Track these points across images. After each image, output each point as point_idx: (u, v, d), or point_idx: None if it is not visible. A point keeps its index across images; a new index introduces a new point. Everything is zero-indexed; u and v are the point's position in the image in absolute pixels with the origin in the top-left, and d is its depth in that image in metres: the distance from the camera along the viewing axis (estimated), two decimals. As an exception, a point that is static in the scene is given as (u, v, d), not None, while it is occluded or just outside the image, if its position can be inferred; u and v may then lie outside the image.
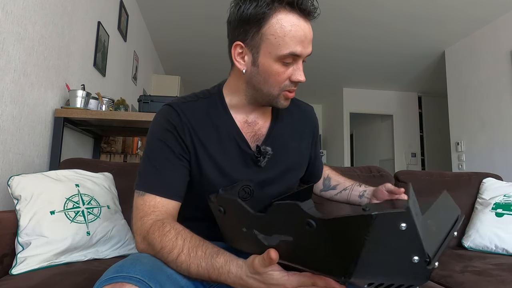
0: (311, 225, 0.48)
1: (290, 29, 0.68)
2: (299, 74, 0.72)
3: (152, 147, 0.75)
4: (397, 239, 0.44)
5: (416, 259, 0.44)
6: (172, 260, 0.60)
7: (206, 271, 0.58)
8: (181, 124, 0.75)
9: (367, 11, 3.25)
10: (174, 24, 3.59)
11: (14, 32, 1.30)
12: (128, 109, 2.12)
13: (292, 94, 0.76)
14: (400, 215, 0.43)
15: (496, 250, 1.37)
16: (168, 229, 0.64)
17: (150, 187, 0.71)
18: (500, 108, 3.24)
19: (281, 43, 0.69)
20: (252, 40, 0.71)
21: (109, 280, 0.52)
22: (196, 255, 0.59)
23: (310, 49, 0.72)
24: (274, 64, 0.71)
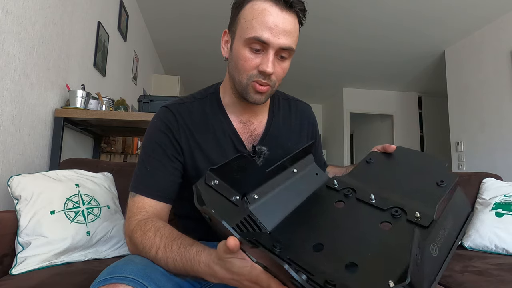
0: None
1: (259, 13, 0.67)
2: (266, 64, 0.69)
3: (146, 149, 0.75)
4: None
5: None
6: (153, 258, 0.60)
7: (182, 265, 0.57)
8: (177, 126, 0.76)
9: (367, 11, 3.25)
10: (174, 23, 3.59)
11: (14, 32, 1.30)
12: (128, 109, 2.12)
13: (263, 87, 0.72)
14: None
15: (496, 250, 1.37)
16: (148, 227, 0.64)
17: (140, 189, 0.72)
18: (500, 108, 3.24)
19: (248, 26, 0.68)
20: (232, 26, 0.73)
21: (102, 282, 0.52)
22: (171, 250, 0.59)
23: (283, 41, 0.68)
24: (242, 48, 0.70)
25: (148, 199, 0.70)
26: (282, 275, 0.46)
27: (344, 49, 4.13)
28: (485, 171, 1.83)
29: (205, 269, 0.54)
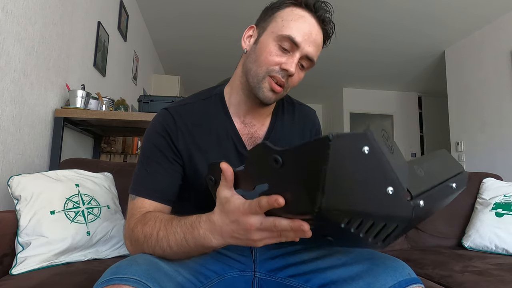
0: (278, 161, 0.46)
1: (299, 18, 0.72)
2: (291, 64, 0.71)
3: (145, 151, 0.76)
4: (363, 165, 0.42)
5: (391, 190, 0.42)
6: (155, 243, 0.61)
7: (183, 235, 0.58)
8: (175, 128, 0.75)
9: (367, 11, 3.25)
10: (174, 23, 3.59)
11: (14, 32, 1.30)
12: (128, 109, 2.12)
13: (279, 88, 0.73)
14: (360, 136, 0.41)
15: (496, 250, 1.37)
16: (148, 218, 0.65)
17: (140, 191, 0.72)
18: (500, 108, 3.24)
19: (285, 25, 0.71)
20: (264, 22, 0.76)
21: (106, 282, 0.52)
22: (171, 225, 0.60)
23: (311, 49, 0.72)
24: (271, 42, 0.72)
25: (148, 201, 0.71)
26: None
27: (344, 49, 4.13)
28: (485, 171, 1.83)
29: (205, 227, 0.55)
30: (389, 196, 0.42)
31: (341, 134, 0.41)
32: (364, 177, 0.42)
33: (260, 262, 0.75)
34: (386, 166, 0.42)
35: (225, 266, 0.72)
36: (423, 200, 0.44)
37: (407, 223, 0.44)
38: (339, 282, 0.63)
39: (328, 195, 0.41)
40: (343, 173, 0.42)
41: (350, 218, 0.44)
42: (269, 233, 0.51)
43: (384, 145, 0.43)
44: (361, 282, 0.60)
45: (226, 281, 0.71)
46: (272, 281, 0.73)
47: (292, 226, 0.47)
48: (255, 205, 0.49)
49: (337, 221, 0.44)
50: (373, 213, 0.43)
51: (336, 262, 0.67)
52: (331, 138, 0.40)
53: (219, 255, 0.74)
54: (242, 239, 0.53)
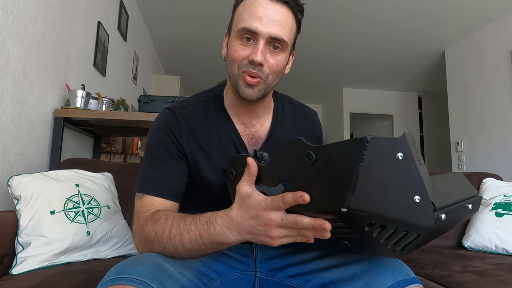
0: (311, 157, 0.46)
1: (250, 6, 0.69)
2: (255, 53, 0.68)
3: (150, 150, 0.75)
4: (395, 171, 0.43)
5: (418, 198, 0.43)
6: (166, 241, 0.61)
7: (197, 232, 0.58)
8: (179, 127, 0.76)
9: (367, 11, 3.25)
10: (174, 22, 3.59)
11: (14, 32, 1.30)
12: (128, 109, 2.12)
13: (253, 79, 0.70)
14: (396, 142, 0.42)
15: (496, 250, 1.37)
16: (159, 216, 0.65)
17: (147, 189, 0.72)
18: (500, 108, 3.24)
19: (239, 19, 0.70)
20: (230, 25, 0.76)
21: (110, 282, 0.52)
22: (185, 222, 0.60)
23: (272, 30, 0.68)
24: (234, 41, 0.71)
25: (157, 198, 0.70)
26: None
27: (344, 49, 4.13)
28: (485, 171, 1.83)
29: (222, 223, 0.56)
30: (415, 205, 0.43)
31: (378, 138, 0.42)
32: (394, 182, 0.43)
33: (261, 262, 0.75)
34: (416, 175, 0.43)
35: (227, 267, 0.72)
36: (445, 214, 0.45)
37: (428, 234, 0.45)
38: (339, 282, 0.63)
39: (358, 195, 0.42)
40: (375, 176, 0.43)
41: (374, 222, 0.44)
42: (289, 231, 0.51)
43: (415, 154, 0.43)
44: (360, 282, 0.60)
45: (228, 282, 0.71)
46: (273, 281, 0.73)
47: (314, 224, 0.47)
48: (278, 201, 0.49)
49: (361, 223, 0.45)
50: (398, 220, 0.44)
51: (336, 262, 0.67)
52: (369, 140, 0.42)
53: (221, 255, 0.74)
54: (260, 235, 0.53)
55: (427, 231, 0.45)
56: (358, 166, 0.42)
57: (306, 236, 0.50)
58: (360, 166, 0.42)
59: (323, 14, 3.30)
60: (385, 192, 0.43)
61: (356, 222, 0.45)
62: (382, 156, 0.43)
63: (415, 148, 0.45)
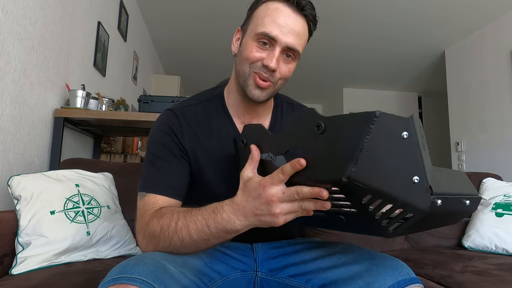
0: (320, 126, 0.48)
1: (272, 12, 0.71)
2: (270, 59, 0.71)
3: (152, 150, 0.76)
4: (398, 148, 0.44)
5: (417, 179, 0.44)
6: (173, 233, 0.61)
7: (204, 222, 0.59)
8: (180, 127, 0.77)
9: (367, 11, 3.25)
10: (174, 22, 3.59)
11: (14, 32, 1.30)
12: (128, 109, 2.12)
13: (264, 83, 0.73)
14: (403, 121, 0.44)
15: (496, 250, 1.37)
16: (164, 211, 0.65)
17: (150, 187, 0.72)
18: (500, 108, 3.24)
19: (259, 23, 0.72)
20: (245, 24, 0.77)
21: (113, 281, 0.52)
22: (191, 214, 0.61)
23: (290, 40, 0.71)
24: (251, 42, 0.73)
25: (160, 196, 0.71)
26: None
27: (344, 49, 4.13)
28: (485, 171, 1.83)
29: (228, 209, 0.57)
30: (414, 185, 0.44)
31: (387, 114, 0.44)
32: (395, 159, 0.44)
33: (261, 262, 0.76)
34: (418, 156, 0.44)
35: (228, 267, 0.73)
36: (441, 201, 0.45)
37: (422, 216, 0.46)
38: (339, 281, 0.63)
39: (360, 167, 0.44)
40: (378, 151, 0.44)
41: (372, 195, 0.46)
42: (290, 205, 0.53)
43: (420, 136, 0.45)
44: (360, 281, 0.60)
45: (229, 282, 0.71)
46: (273, 280, 0.73)
47: (313, 192, 0.49)
48: (277, 173, 0.52)
49: (359, 195, 0.47)
50: (395, 196, 0.45)
51: (336, 262, 0.67)
52: (378, 115, 0.43)
53: (222, 255, 0.74)
54: (264, 215, 0.54)
55: (421, 213, 0.45)
56: (363, 138, 0.43)
57: (307, 209, 0.53)
58: (365, 139, 0.43)
59: (323, 14, 3.28)
60: (386, 168, 0.45)
61: (355, 194, 0.47)
62: (388, 132, 0.44)
63: (421, 132, 0.46)
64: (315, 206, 0.52)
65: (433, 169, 0.47)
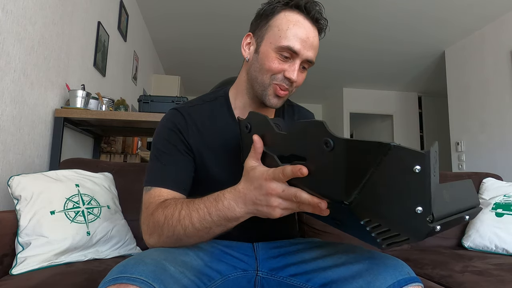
0: (329, 144, 0.48)
1: (294, 25, 0.73)
2: (292, 72, 0.74)
3: (158, 146, 0.77)
4: (407, 180, 0.43)
5: (420, 209, 0.43)
6: (176, 222, 0.62)
7: (206, 210, 0.60)
8: (186, 126, 0.78)
9: (367, 11, 3.25)
10: (174, 21, 3.59)
11: (14, 32, 1.30)
12: (128, 109, 2.12)
13: (283, 92, 0.76)
14: (418, 155, 0.42)
15: (496, 250, 1.37)
16: (168, 202, 0.67)
17: (156, 181, 0.73)
18: (500, 108, 3.24)
19: (282, 36, 0.73)
20: (260, 31, 0.77)
21: (113, 281, 0.52)
22: (193, 203, 0.63)
23: (310, 54, 0.74)
24: (272, 53, 0.74)
25: (165, 189, 0.72)
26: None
27: (344, 49, 4.13)
28: (485, 171, 1.83)
29: (229, 196, 0.59)
30: (415, 214, 0.44)
31: (402, 147, 0.43)
32: (402, 190, 0.44)
33: (262, 261, 0.76)
34: (427, 189, 0.43)
35: (228, 267, 0.73)
36: (440, 226, 0.45)
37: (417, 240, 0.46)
38: (340, 281, 0.63)
39: (364, 195, 0.44)
40: (386, 181, 0.43)
41: (371, 219, 0.46)
42: (288, 203, 0.54)
43: (433, 167, 0.43)
44: (361, 280, 0.61)
45: (229, 281, 0.71)
46: (274, 280, 0.73)
47: (311, 202, 0.50)
48: (279, 172, 0.53)
49: (359, 217, 0.47)
50: (394, 223, 0.45)
51: (337, 262, 0.67)
52: (392, 147, 0.42)
53: (223, 255, 0.74)
54: (262, 205, 0.56)
55: (418, 238, 0.46)
56: (372, 168, 0.43)
57: (305, 210, 0.54)
58: (375, 169, 0.43)
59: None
60: (391, 197, 0.44)
61: (355, 215, 0.47)
62: (400, 165, 0.43)
63: (436, 160, 0.45)
64: (313, 210, 0.52)
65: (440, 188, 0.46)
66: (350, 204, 0.44)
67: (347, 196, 0.44)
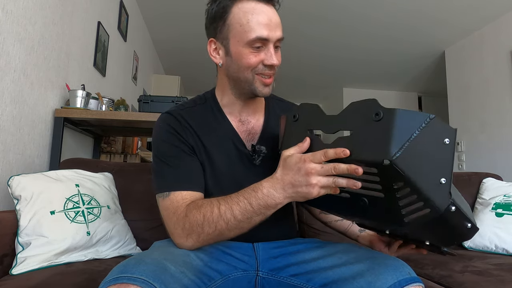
0: (379, 114, 0.54)
1: (252, 14, 0.72)
2: (271, 57, 0.74)
3: (161, 151, 0.77)
4: (437, 150, 0.52)
5: (444, 180, 0.51)
6: (217, 218, 0.64)
7: (246, 201, 0.63)
8: (181, 127, 0.78)
9: (367, 11, 3.25)
10: (174, 22, 3.59)
11: (14, 32, 1.30)
12: (128, 109, 2.12)
13: (269, 80, 0.77)
14: (449, 129, 0.52)
15: (496, 250, 1.37)
16: (201, 203, 0.68)
17: (173, 186, 0.73)
18: (500, 108, 3.24)
19: (246, 30, 0.72)
20: (221, 33, 0.76)
21: (113, 281, 0.52)
22: (231, 198, 0.65)
23: (279, 33, 0.74)
24: (244, 49, 0.74)
25: (185, 192, 0.72)
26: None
27: (344, 48, 4.13)
28: (485, 171, 1.83)
29: (267, 185, 0.62)
30: (440, 185, 0.52)
31: (439, 120, 0.52)
32: (432, 159, 0.52)
33: (262, 261, 0.76)
34: (450, 162, 0.52)
35: (229, 267, 0.73)
36: (455, 207, 0.53)
37: (436, 215, 0.53)
38: (340, 281, 0.63)
39: (403, 155, 0.50)
40: (422, 147, 0.51)
41: (404, 183, 0.52)
42: (326, 180, 0.58)
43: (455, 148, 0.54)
44: (362, 281, 0.61)
45: (229, 281, 0.71)
46: (274, 280, 0.73)
47: (349, 168, 0.54)
48: (320, 154, 0.58)
49: (393, 180, 0.52)
50: (423, 189, 0.51)
51: (337, 262, 0.67)
52: (432, 117, 0.51)
53: (223, 255, 0.74)
54: (301, 186, 0.59)
55: (437, 212, 0.52)
56: (414, 132, 0.50)
57: (340, 185, 0.57)
58: (415, 133, 0.50)
59: (323, 14, 3.29)
60: (423, 163, 0.51)
61: (389, 177, 0.53)
62: (435, 134, 0.51)
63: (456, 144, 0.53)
64: (347, 183, 0.56)
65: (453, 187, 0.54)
66: (390, 162, 0.50)
67: (388, 154, 0.50)
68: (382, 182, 0.55)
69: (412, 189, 0.52)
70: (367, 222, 0.70)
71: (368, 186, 0.57)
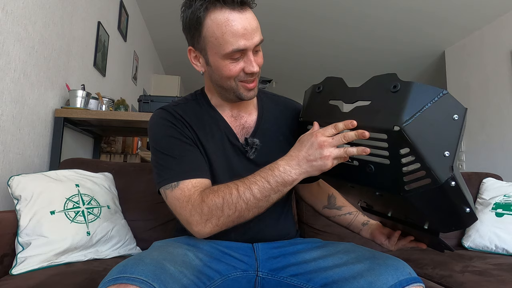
0: (397, 86, 0.58)
1: (226, 26, 0.69)
2: (251, 65, 0.73)
3: (162, 144, 0.76)
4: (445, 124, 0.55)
5: (447, 153, 0.55)
6: (237, 199, 0.65)
7: (263, 180, 0.66)
8: (177, 121, 0.79)
9: (367, 11, 3.25)
10: (174, 22, 3.58)
11: (14, 32, 1.30)
12: (128, 109, 2.12)
13: (251, 84, 0.76)
14: (460, 106, 0.55)
15: (496, 250, 1.37)
16: (216, 187, 0.69)
17: (182, 175, 0.72)
18: (500, 108, 3.24)
19: (222, 43, 0.70)
20: (199, 44, 0.76)
21: (113, 281, 0.52)
22: (248, 179, 0.67)
23: (256, 39, 0.72)
24: (222, 61, 0.73)
25: (195, 180, 0.72)
26: None
27: (344, 48, 4.13)
28: (485, 171, 1.83)
29: (283, 163, 0.66)
30: (443, 157, 0.55)
31: (451, 96, 0.56)
32: (440, 131, 0.55)
33: (262, 261, 0.76)
34: (457, 137, 0.55)
35: (228, 267, 0.73)
36: (455, 183, 0.56)
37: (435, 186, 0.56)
38: (341, 281, 0.63)
39: (413, 123, 0.54)
40: (432, 118, 0.55)
41: (410, 150, 0.55)
42: (337, 150, 0.62)
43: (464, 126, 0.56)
44: (362, 281, 0.60)
45: (229, 281, 0.71)
46: (274, 280, 0.73)
47: (357, 133, 0.60)
48: (331, 127, 0.63)
49: (400, 145, 0.56)
50: (426, 158, 0.54)
51: (338, 262, 0.67)
52: (444, 92, 0.56)
53: (223, 255, 0.74)
54: (316, 159, 0.63)
55: (437, 183, 0.55)
56: (426, 104, 0.54)
57: (351, 154, 0.61)
58: (427, 104, 0.54)
59: (323, 13, 3.29)
60: (430, 134, 0.55)
61: (397, 143, 0.56)
62: (445, 109, 0.55)
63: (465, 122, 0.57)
64: (357, 151, 0.60)
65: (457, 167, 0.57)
66: (399, 128, 0.53)
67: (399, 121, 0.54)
68: (389, 148, 0.58)
69: (417, 157, 0.55)
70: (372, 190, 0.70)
71: (375, 153, 0.61)
